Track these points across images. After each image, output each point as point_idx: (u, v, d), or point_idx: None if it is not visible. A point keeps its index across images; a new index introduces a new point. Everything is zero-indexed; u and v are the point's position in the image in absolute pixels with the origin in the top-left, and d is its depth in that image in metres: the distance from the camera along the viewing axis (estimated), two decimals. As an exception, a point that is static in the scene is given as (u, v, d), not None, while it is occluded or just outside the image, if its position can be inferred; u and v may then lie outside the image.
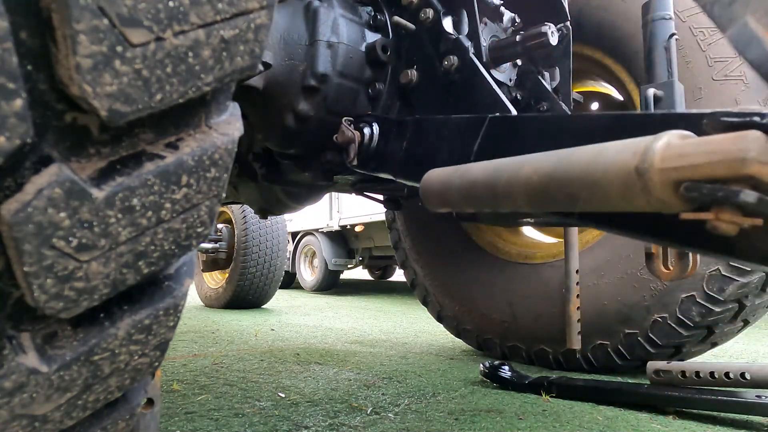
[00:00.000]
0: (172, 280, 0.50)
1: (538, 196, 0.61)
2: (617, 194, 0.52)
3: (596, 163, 0.54)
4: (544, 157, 0.62)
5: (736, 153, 0.43)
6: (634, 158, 0.49)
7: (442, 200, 0.79)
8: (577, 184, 0.56)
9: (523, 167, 0.63)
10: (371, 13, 1.36)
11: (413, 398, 1.69)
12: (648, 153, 0.48)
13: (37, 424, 0.43)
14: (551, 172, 0.59)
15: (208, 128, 0.46)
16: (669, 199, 0.48)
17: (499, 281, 2.31)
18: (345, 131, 1.21)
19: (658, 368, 1.57)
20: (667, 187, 0.47)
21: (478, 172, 0.71)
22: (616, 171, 0.51)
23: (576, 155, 0.57)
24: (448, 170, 0.79)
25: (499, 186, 0.66)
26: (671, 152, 0.47)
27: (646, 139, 0.50)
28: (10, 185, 0.38)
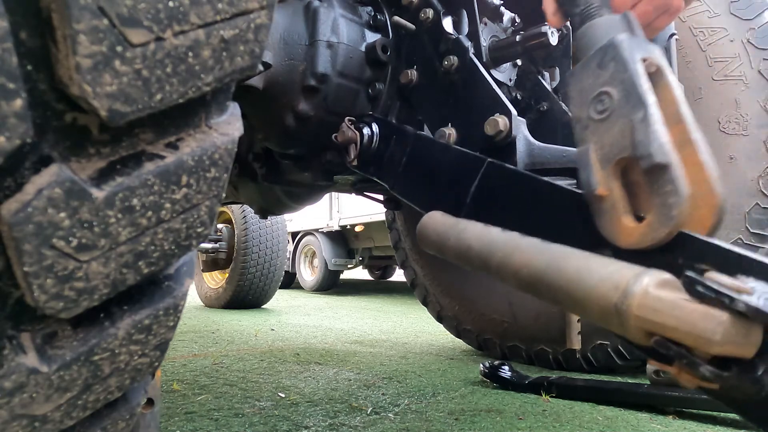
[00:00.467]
0: (172, 280, 0.50)
1: (526, 287, 0.65)
2: (596, 316, 0.55)
3: (580, 283, 0.56)
4: (535, 251, 0.64)
5: (703, 331, 0.46)
6: (615, 293, 0.52)
7: (437, 249, 0.83)
8: (561, 296, 0.59)
9: (514, 255, 0.66)
10: (371, 13, 1.36)
11: (413, 398, 1.69)
12: (627, 295, 0.51)
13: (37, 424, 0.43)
14: (539, 273, 0.62)
15: (208, 128, 0.46)
16: (641, 341, 0.52)
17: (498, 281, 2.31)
18: (345, 131, 1.21)
19: (658, 368, 1.57)
20: (641, 333, 0.51)
21: (472, 239, 0.74)
22: (597, 299, 0.54)
23: (564, 265, 0.60)
24: (447, 222, 0.82)
25: (492, 263, 0.70)
26: (647, 303, 0.50)
27: (630, 272, 0.52)
28: (10, 185, 0.38)
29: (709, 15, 1.70)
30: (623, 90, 0.64)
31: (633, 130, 0.62)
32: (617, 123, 0.64)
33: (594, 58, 0.68)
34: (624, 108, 0.64)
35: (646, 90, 0.63)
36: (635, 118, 0.62)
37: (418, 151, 1.08)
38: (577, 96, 0.70)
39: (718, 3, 1.70)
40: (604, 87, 0.66)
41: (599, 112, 0.66)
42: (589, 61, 0.69)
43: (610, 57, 0.66)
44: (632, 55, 0.65)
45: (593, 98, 0.67)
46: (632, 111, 0.63)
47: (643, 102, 0.62)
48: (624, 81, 0.64)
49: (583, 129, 0.68)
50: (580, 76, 0.70)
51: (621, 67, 0.65)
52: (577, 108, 0.70)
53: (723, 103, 1.67)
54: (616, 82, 0.65)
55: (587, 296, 0.55)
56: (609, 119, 0.65)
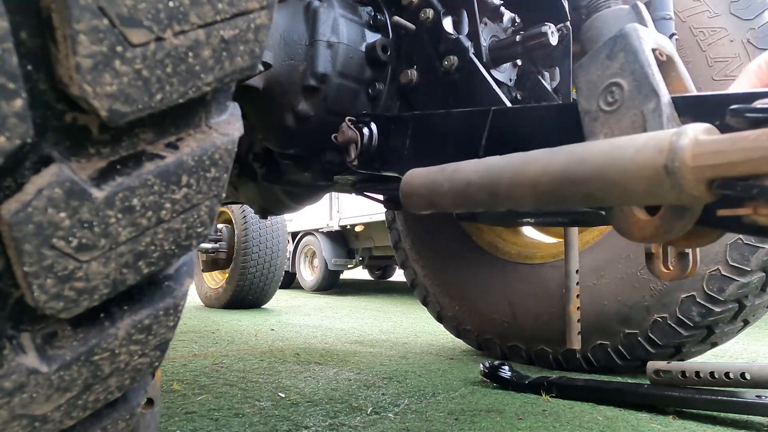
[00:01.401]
0: (172, 280, 0.50)
1: (548, 196, 0.60)
2: (642, 191, 0.51)
3: (614, 162, 0.52)
4: (549, 156, 0.60)
5: None
6: (660, 156, 0.48)
7: (428, 203, 0.77)
8: (595, 185, 0.54)
9: (526, 168, 0.62)
10: (371, 13, 1.36)
11: (413, 398, 1.69)
12: (677, 150, 0.47)
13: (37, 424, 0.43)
14: (563, 172, 0.57)
15: (208, 128, 0.46)
16: (702, 194, 0.47)
17: (499, 281, 2.31)
18: (345, 131, 1.21)
19: (658, 368, 1.57)
20: (701, 183, 0.47)
21: (470, 173, 0.70)
22: (641, 170, 0.50)
23: (588, 154, 0.55)
24: (433, 171, 0.77)
25: (500, 188, 0.65)
26: (703, 149, 0.46)
27: (666, 134, 0.49)
28: (10, 185, 0.38)
29: (709, 15, 1.70)
30: (634, 80, 0.63)
31: (644, 121, 0.61)
32: (628, 114, 0.63)
33: (603, 49, 0.67)
34: (635, 99, 0.63)
35: (658, 80, 0.62)
36: (647, 109, 0.61)
37: (420, 129, 1.08)
38: (586, 88, 0.69)
39: (718, 3, 1.70)
40: (614, 78, 0.65)
41: (609, 104, 0.66)
42: (598, 52, 0.68)
43: (620, 47, 0.65)
44: (642, 45, 0.64)
45: (603, 89, 0.66)
46: (644, 101, 0.62)
47: (655, 92, 0.61)
48: (635, 71, 0.63)
49: (593, 121, 0.67)
50: (588, 68, 0.69)
51: (631, 57, 0.64)
52: (585, 100, 0.69)
53: (723, 103, 1.67)
54: (626, 73, 0.64)
55: (626, 173, 0.51)
56: (619, 110, 0.64)
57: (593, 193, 0.55)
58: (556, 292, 2.09)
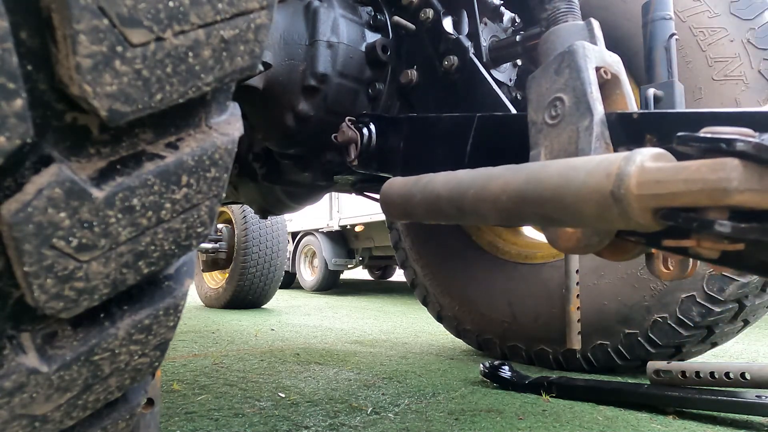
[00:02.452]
0: (172, 280, 0.50)
1: (508, 213, 0.60)
2: (593, 216, 0.50)
3: (568, 184, 0.52)
4: (511, 174, 0.61)
5: (717, 183, 0.41)
6: (608, 181, 0.48)
7: (403, 212, 0.78)
8: (550, 206, 0.54)
9: (489, 184, 0.62)
10: (371, 13, 1.36)
11: (413, 398, 1.69)
12: (623, 177, 0.47)
13: (37, 424, 0.43)
14: (521, 192, 0.57)
15: (208, 128, 0.46)
16: (648, 223, 0.47)
17: (499, 281, 2.31)
18: (345, 131, 1.21)
19: (658, 368, 1.57)
20: (647, 212, 0.46)
21: (440, 186, 0.70)
22: (590, 194, 0.49)
23: (545, 175, 0.55)
24: (409, 181, 0.78)
25: (466, 202, 0.65)
26: (647, 177, 0.46)
27: (617, 158, 0.49)
28: (10, 185, 0.38)
29: (709, 15, 1.70)
30: (574, 97, 0.65)
31: (578, 137, 0.63)
32: (566, 129, 0.65)
33: (552, 64, 0.69)
34: (573, 115, 0.64)
35: (595, 98, 0.64)
36: (581, 126, 0.63)
37: (413, 131, 1.09)
38: (535, 100, 0.71)
39: (718, 3, 1.70)
40: (558, 93, 0.67)
41: (552, 117, 0.67)
42: (548, 67, 0.70)
43: (566, 64, 0.67)
44: (586, 63, 0.66)
45: (548, 103, 0.68)
46: (579, 118, 0.63)
47: (590, 110, 0.63)
48: (575, 88, 0.65)
49: (537, 132, 0.69)
50: (539, 81, 0.71)
51: (575, 74, 0.66)
52: (534, 111, 0.71)
53: (723, 103, 1.67)
54: (569, 89, 0.66)
55: (578, 197, 0.50)
56: (560, 125, 0.66)
57: (550, 215, 0.55)
58: (556, 292, 2.09)
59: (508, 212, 0.60)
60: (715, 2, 1.70)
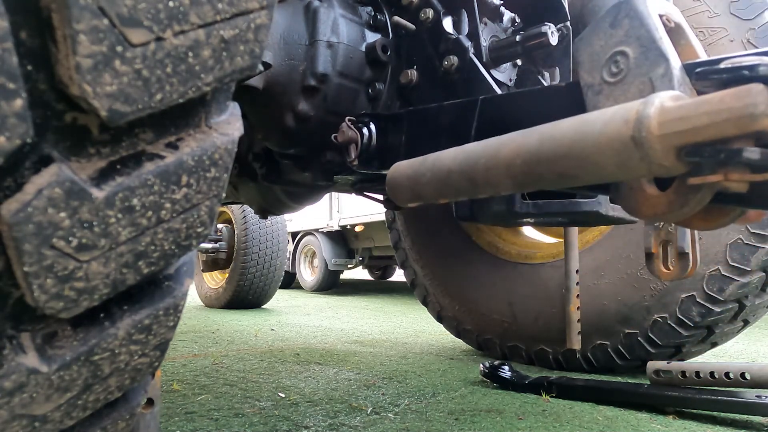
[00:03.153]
0: (172, 280, 0.50)
1: (523, 178, 0.57)
2: (613, 165, 0.48)
3: (584, 136, 0.50)
4: (521, 137, 0.58)
5: (743, 110, 0.40)
6: (627, 127, 0.46)
7: (413, 194, 0.75)
8: (567, 162, 0.52)
9: (501, 150, 0.59)
10: (371, 13, 1.36)
11: (413, 398, 1.69)
12: (642, 120, 0.45)
13: (37, 424, 0.43)
14: (535, 152, 0.55)
15: (208, 128, 0.46)
16: (672, 164, 0.45)
17: (499, 281, 2.31)
18: (346, 131, 1.21)
19: (658, 368, 1.57)
20: (670, 152, 0.45)
21: (449, 162, 0.67)
22: (610, 143, 0.47)
23: (558, 131, 0.53)
24: (416, 162, 0.74)
25: (478, 173, 0.62)
26: (668, 117, 0.44)
27: (634, 104, 0.47)
28: (10, 185, 0.38)
29: (709, 15, 1.70)
30: (641, 46, 0.60)
31: (653, 87, 0.57)
32: (634, 83, 0.60)
33: (606, 18, 0.64)
34: (642, 66, 0.59)
35: (666, 44, 0.58)
36: (655, 75, 0.58)
37: (414, 125, 1.09)
38: (588, 61, 0.65)
39: (718, 3, 1.70)
40: (619, 47, 0.62)
41: (613, 75, 0.62)
42: (601, 22, 0.64)
43: (624, 14, 0.62)
44: (648, 10, 0.61)
45: (607, 60, 0.63)
46: (652, 67, 0.58)
47: (664, 56, 0.57)
48: (641, 37, 0.60)
49: (596, 95, 0.64)
50: (590, 39, 0.65)
51: (637, 23, 0.60)
52: (588, 73, 0.65)
53: (723, 103, 1.67)
54: (631, 39, 0.61)
55: (596, 148, 0.48)
56: (625, 80, 0.61)
57: (566, 171, 0.53)
58: (556, 292, 2.09)
59: (523, 176, 0.57)
60: (715, 2, 1.70)
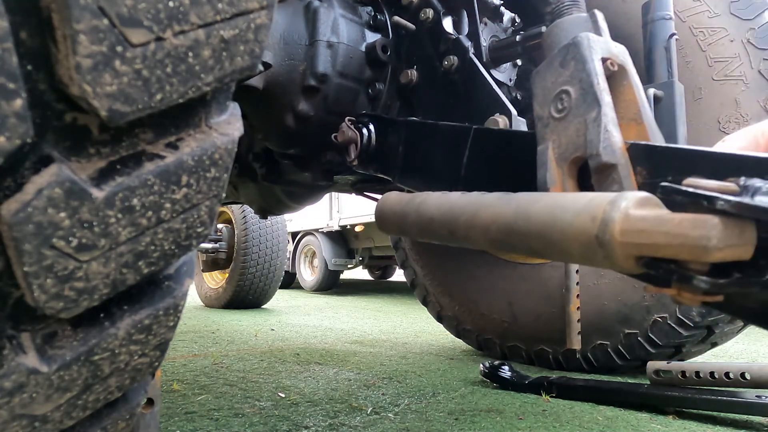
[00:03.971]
0: (172, 280, 0.50)
1: (498, 244, 0.61)
2: (579, 255, 0.51)
3: (554, 223, 0.53)
4: (499, 204, 0.61)
5: (697, 240, 0.42)
6: (593, 225, 0.48)
7: (399, 229, 0.78)
8: (537, 242, 0.55)
9: (480, 213, 0.62)
10: (371, 13, 1.36)
11: (413, 398, 1.69)
12: (608, 223, 0.47)
13: (37, 424, 0.43)
14: (509, 225, 0.58)
15: (208, 128, 0.46)
16: (631, 269, 0.48)
17: (499, 281, 2.31)
18: (345, 131, 1.21)
19: (658, 368, 1.57)
20: (630, 259, 0.47)
21: (433, 208, 0.70)
22: (576, 235, 0.50)
23: (534, 210, 0.56)
24: (404, 199, 0.78)
25: (458, 228, 0.65)
26: (630, 226, 0.46)
27: (604, 200, 0.49)
28: (10, 185, 0.38)
29: (709, 15, 1.70)
30: (581, 89, 0.64)
31: (586, 129, 0.62)
32: (574, 122, 0.64)
33: (557, 57, 0.68)
34: (580, 107, 0.64)
35: (601, 89, 0.63)
36: (589, 118, 0.62)
37: (412, 136, 1.09)
38: (541, 94, 0.70)
39: (718, 3, 1.70)
40: (564, 86, 0.67)
41: (558, 111, 0.67)
42: (553, 60, 0.69)
43: (572, 56, 0.66)
44: (591, 54, 0.65)
45: (554, 96, 0.68)
46: (587, 110, 0.63)
47: (597, 101, 0.62)
48: (582, 80, 0.65)
49: (544, 127, 0.69)
50: (544, 75, 0.70)
51: (580, 66, 0.65)
52: (539, 106, 0.70)
53: (723, 103, 1.67)
54: (575, 81, 0.65)
55: (564, 237, 0.51)
56: (567, 118, 0.65)
57: (536, 249, 0.56)
58: (556, 292, 2.09)
59: (498, 243, 0.60)
60: (715, 2, 1.70)
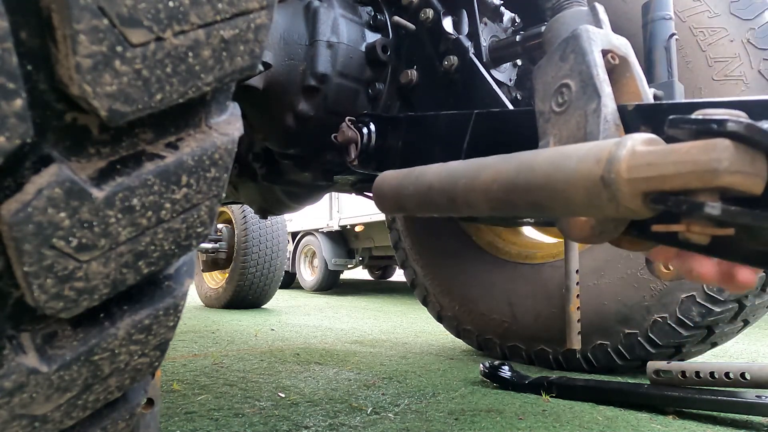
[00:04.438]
0: (172, 280, 0.50)
1: (499, 203, 0.59)
2: (583, 202, 0.50)
3: (558, 171, 0.52)
4: (502, 162, 0.60)
5: (707, 164, 0.41)
6: (598, 167, 0.47)
7: (396, 205, 0.77)
8: (540, 194, 0.54)
9: (481, 174, 0.61)
10: (371, 13, 1.36)
11: (413, 398, 1.69)
12: (613, 162, 0.46)
13: (37, 424, 0.43)
14: (512, 180, 0.57)
15: (208, 128, 0.46)
16: (638, 208, 0.47)
17: (499, 281, 2.31)
18: (345, 131, 1.21)
19: (658, 368, 1.57)
20: (637, 197, 0.46)
21: (432, 177, 0.69)
22: (581, 180, 0.49)
23: (537, 162, 0.55)
24: (402, 173, 0.76)
25: (457, 193, 0.64)
26: (638, 161, 0.45)
27: (608, 143, 0.48)
28: (10, 185, 0.38)
29: (709, 15, 1.70)
30: (581, 81, 0.64)
31: (586, 121, 0.62)
32: (574, 115, 0.64)
33: (557, 51, 0.68)
34: (581, 100, 0.63)
35: (601, 81, 0.62)
36: (589, 110, 0.62)
37: (411, 130, 1.09)
38: (541, 89, 0.70)
39: (718, 3, 1.70)
40: (565, 79, 0.66)
41: (559, 105, 0.66)
42: (553, 54, 0.69)
43: (571, 49, 0.66)
44: (591, 46, 0.65)
45: (555, 91, 0.67)
46: (587, 102, 0.62)
47: (597, 93, 0.62)
48: (582, 72, 0.64)
49: (545, 122, 0.68)
50: (544, 69, 0.70)
51: (580, 59, 0.65)
52: (540, 101, 0.69)
53: (723, 103, 1.67)
54: (575, 74, 0.65)
55: (569, 184, 0.50)
56: (567, 111, 0.65)
57: (540, 202, 0.55)
58: (556, 292, 2.09)
59: (499, 201, 0.59)
60: (715, 2, 1.70)
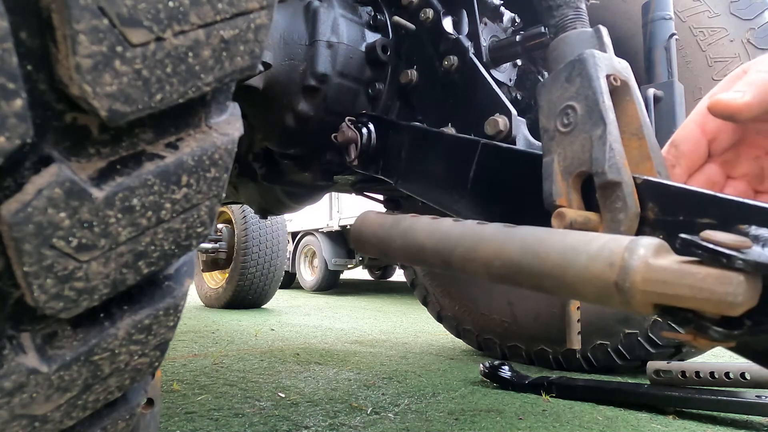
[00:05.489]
0: (172, 280, 0.50)
1: (501, 279, 0.60)
2: (593, 297, 0.52)
3: (568, 265, 0.53)
4: (504, 239, 0.59)
5: (723, 296, 0.44)
6: (611, 272, 0.49)
7: (380, 253, 0.74)
8: (548, 283, 0.55)
9: (480, 246, 0.61)
10: (371, 13, 1.36)
11: (413, 398, 1.69)
12: (627, 271, 0.48)
13: (36, 424, 0.43)
14: (516, 261, 0.57)
15: (208, 128, 0.46)
16: (648, 313, 0.50)
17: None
18: (345, 131, 1.21)
19: (658, 368, 1.57)
20: (648, 305, 0.48)
21: (422, 236, 0.67)
22: (593, 279, 0.51)
23: (542, 249, 0.55)
24: (386, 221, 0.74)
25: (454, 259, 0.64)
26: (652, 276, 0.47)
27: (619, 248, 0.50)
28: (10, 185, 0.38)
29: (709, 15, 1.70)
30: (586, 106, 0.67)
31: (591, 146, 0.65)
32: (579, 137, 0.67)
33: (563, 72, 0.71)
34: (586, 123, 0.66)
35: (606, 108, 0.66)
36: (594, 135, 0.65)
37: (415, 142, 1.09)
38: (546, 107, 0.73)
39: (718, 3, 1.70)
40: (570, 101, 0.69)
41: (564, 125, 0.69)
42: (559, 75, 0.72)
43: (577, 72, 0.69)
44: (597, 72, 0.68)
45: (560, 111, 0.70)
46: (592, 127, 0.66)
47: (602, 120, 0.65)
48: (587, 97, 0.67)
49: (550, 140, 0.71)
50: (549, 88, 0.73)
51: (586, 83, 0.68)
52: (545, 118, 0.72)
53: (723, 103, 1.67)
54: (580, 98, 0.68)
55: (579, 280, 0.52)
56: (572, 133, 0.68)
57: (547, 289, 0.56)
58: (556, 292, 2.09)
59: (502, 277, 0.60)
60: (715, 2, 1.70)
